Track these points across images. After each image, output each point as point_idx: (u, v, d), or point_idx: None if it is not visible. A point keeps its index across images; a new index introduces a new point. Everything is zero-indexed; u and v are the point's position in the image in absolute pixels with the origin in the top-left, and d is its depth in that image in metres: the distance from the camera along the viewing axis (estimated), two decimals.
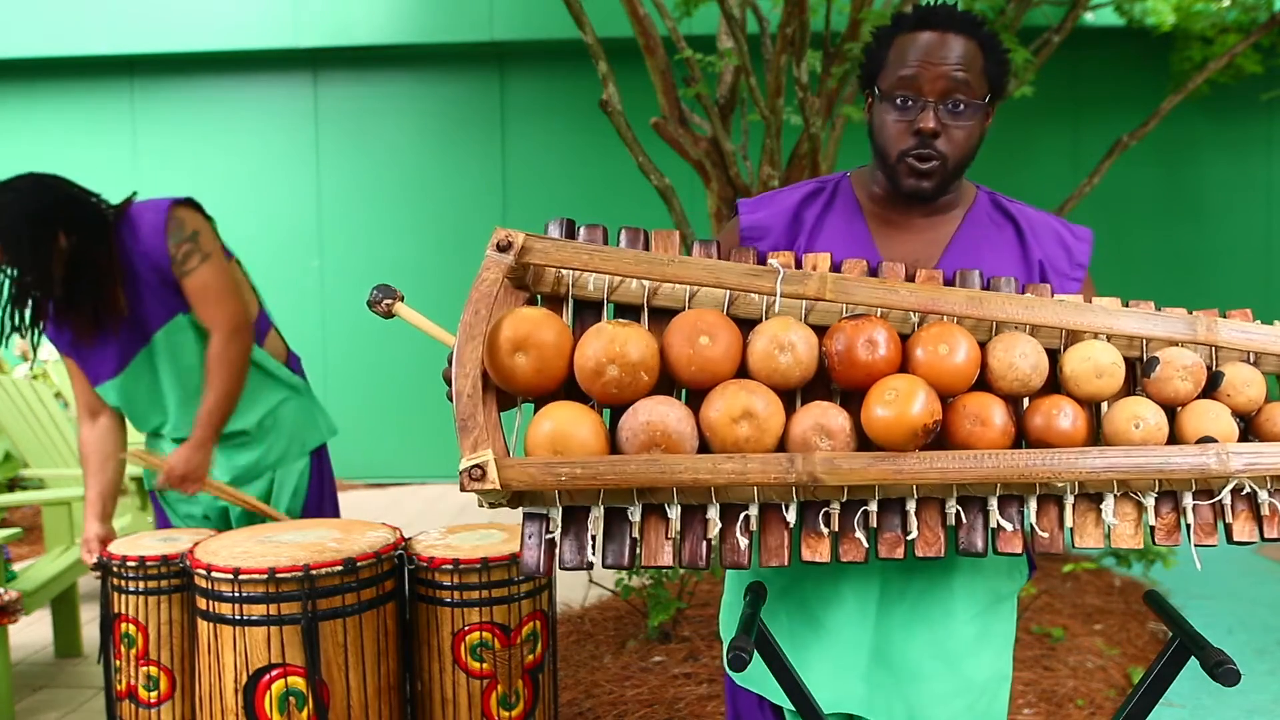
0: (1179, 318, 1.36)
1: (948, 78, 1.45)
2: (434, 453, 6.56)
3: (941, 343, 1.29)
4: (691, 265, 1.31)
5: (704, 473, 1.24)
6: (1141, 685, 1.40)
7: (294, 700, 2.03)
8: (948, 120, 1.46)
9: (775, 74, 3.56)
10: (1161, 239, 6.39)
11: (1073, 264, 1.58)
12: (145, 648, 2.24)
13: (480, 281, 1.28)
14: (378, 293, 1.37)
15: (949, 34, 1.46)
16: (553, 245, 1.29)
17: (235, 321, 2.38)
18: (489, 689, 2.18)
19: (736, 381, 1.28)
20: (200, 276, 2.38)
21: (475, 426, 1.24)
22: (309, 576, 2.03)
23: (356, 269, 6.63)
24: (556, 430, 1.25)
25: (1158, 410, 1.32)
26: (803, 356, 1.29)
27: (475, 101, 6.64)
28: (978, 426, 1.29)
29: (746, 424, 1.26)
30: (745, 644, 1.27)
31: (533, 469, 1.23)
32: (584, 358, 1.27)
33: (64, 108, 6.69)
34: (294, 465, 2.61)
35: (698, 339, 1.28)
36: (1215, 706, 3.06)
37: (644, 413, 1.26)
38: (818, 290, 1.31)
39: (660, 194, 3.69)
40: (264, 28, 6.39)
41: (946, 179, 1.50)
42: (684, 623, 3.57)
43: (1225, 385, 1.35)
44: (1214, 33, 4.96)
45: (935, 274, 1.38)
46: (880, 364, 1.28)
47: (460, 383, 1.25)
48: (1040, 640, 3.50)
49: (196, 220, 2.44)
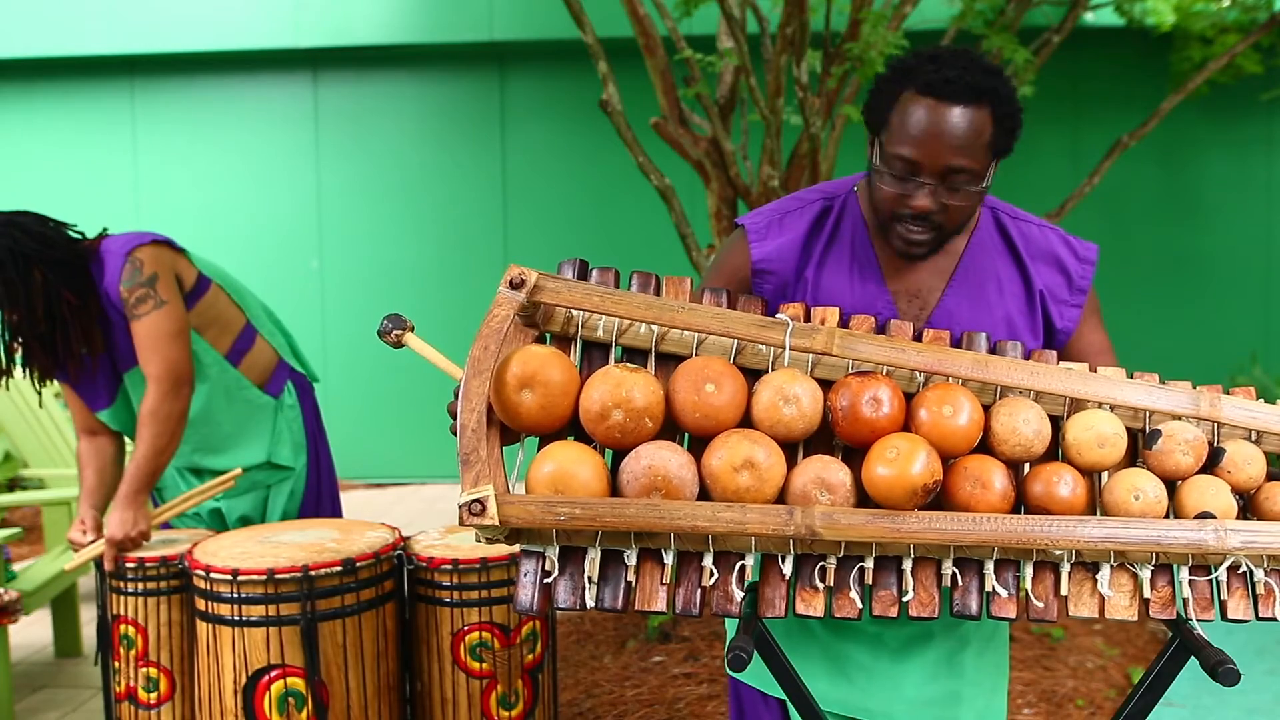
0: (1183, 392, 1.36)
1: (949, 158, 1.39)
2: (434, 453, 6.56)
3: (946, 404, 1.30)
4: (701, 313, 1.32)
5: (703, 520, 1.25)
6: (1141, 685, 1.40)
7: (293, 701, 2.03)
8: (946, 197, 1.42)
9: (775, 74, 3.56)
10: (1161, 239, 6.38)
11: (1073, 290, 1.57)
12: (145, 649, 2.24)
13: (491, 318, 1.29)
14: (388, 323, 1.40)
15: (957, 106, 1.39)
16: (564, 285, 1.31)
17: (175, 375, 2.31)
18: (488, 689, 2.18)
19: (740, 431, 1.29)
20: (146, 324, 2.31)
21: (478, 461, 1.26)
22: (308, 577, 2.03)
23: (356, 269, 6.63)
24: (558, 470, 1.26)
25: (1158, 483, 1.32)
26: (807, 410, 1.30)
27: (475, 101, 6.64)
28: (978, 489, 1.30)
29: (748, 474, 1.27)
30: (745, 644, 1.27)
31: (532, 507, 1.24)
32: (589, 400, 1.28)
33: (64, 108, 6.68)
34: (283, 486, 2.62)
35: (703, 386, 1.29)
36: (1215, 706, 3.05)
37: (646, 457, 1.27)
38: (825, 345, 1.32)
39: (660, 194, 3.69)
40: (264, 28, 6.38)
41: (942, 241, 1.48)
42: (684, 623, 3.57)
43: (1226, 461, 1.35)
44: (1214, 33, 4.96)
45: (942, 335, 1.39)
46: (884, 422, 1.29)
47: (465, 416, 1.27)
48: (1040, 640, 3.50)
49: (159, 262, 2.34)
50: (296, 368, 2.68)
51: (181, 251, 2.44)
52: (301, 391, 2.67)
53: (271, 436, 2.57)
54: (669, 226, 4.09)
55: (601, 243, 6.41)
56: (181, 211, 6.64)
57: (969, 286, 1.54)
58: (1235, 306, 6.36)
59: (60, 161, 6.65)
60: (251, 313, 2.57)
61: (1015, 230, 1.58)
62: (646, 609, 1.29)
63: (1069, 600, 1.32)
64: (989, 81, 1.40)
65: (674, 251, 4.40)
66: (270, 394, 2.58)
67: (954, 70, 1.40)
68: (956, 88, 1.39)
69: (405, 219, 6.63)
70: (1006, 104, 1.42)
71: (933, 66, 1.41)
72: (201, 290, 2.44)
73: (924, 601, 1.31)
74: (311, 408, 2.70)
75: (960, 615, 1.31)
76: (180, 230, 7.11)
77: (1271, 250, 6.44)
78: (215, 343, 2.48)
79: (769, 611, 1.31)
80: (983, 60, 1.44)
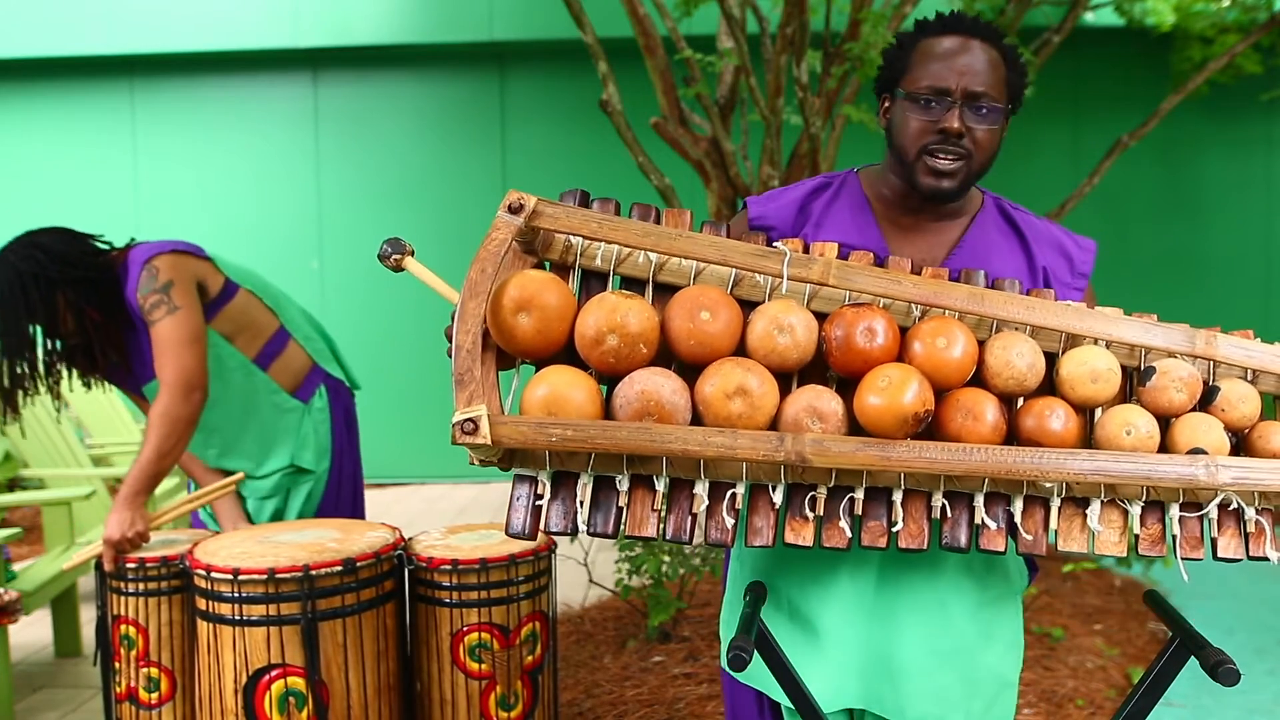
0: (1179, 330, 1.37)
1: (974, 79, 1.47)
2: (434, 453, 6.56)
3: (940, 336, 1.30)
4: (699, 241, 1.33)
5: (694, 444, 1.24)
6: (1141, 685, 1.40)
7: (294, 700, 2.03)
8: (972, 122, 1.47)
9: (775, 74, 3.56)
10: (1161, 239, 6.38)
11: (1075, 274, 1.60)
12: (145, 649, 2.24)
13: (489, 241, 1.30)
14: (387, 247, 1.40)
15: (973, 40, 1.49)
16: (563, 211, 1.31)
17: (186, 380, 2.32)
18: (487, 690, 2.17)
19: (733, 359, 1.29)
20: (161, 329, 2.33)
21: (472, 381, 1.26)
22: (308, 577, 2.03)
23: (356, 269, 6.63)
24: (552, 393, 1.26)
25: (1150, 419, 1.32)
26: (801, 339, 1.30)
27: (475, 101, 6.64)
28: (969, 421, 1.29)
29: (740, 400, 1.26)
30: (745, 644, 1.27)
31: (525, 427, 1.23)
32: (585, 325, 1.28)
33: (64, 108, 6.68)
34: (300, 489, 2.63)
35: (698, 314, 1.29)
36: (1215, 706, 3.06)
37: (639, 382, 1.27)
38: (821, 275, 1.33)
39: (660, 194, 3.69)
40: (264, 28, 6.38)
41: (968, 180, 1.52)
42: (684, 623, 3.57)
43: (1220, 400, 1.35)
44: (1214, 33, 4.96)
45: (941, 271, 1.39)
46: (877, 353, 1.29)
47: (461, 337, 1.27)
48: (1040, 640, 3.50)
49: (176, 269, 2.37)
50: (334, 373, 2.70)
51: (208, 259, 2.46)
52: (334, 396, 2.68)
53: (296, 440, 2.60)
54: None
55: None
56: (181, 212, 6.64)
57: (970, 261, 1.56)
58: (1235, 306, 6.36)
59: (60, 161, 6.65)
60: (286, 317, 2.60)
61: (1018, 216, 1.62)
62: (637, 534, 1.30)
63: (1059, 535, 1.33)
64: (997, 31, 1.53)
65: None
66: (300, 398, 2.60)
67: (966, 18, 1.52)
68: (971, 25, 1.51)
69: (405, 219, 6.63)
70: (1013, 52, 1.53)
71: (944, 17, 1.53)
72: (228, 295, 2.47)
73: (913, 533, 1.31)
74: (343, 413, 2.71)
75: (949, 547, 1.32)
76: (180, 231, 7.10)
77: (1271, 250, 6.44)
78: (246, 347, 2.52)
79: (757, 540, 1.32)
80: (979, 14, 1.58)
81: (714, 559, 3.33)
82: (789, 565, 1.56)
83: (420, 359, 6.37)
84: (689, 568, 3.35)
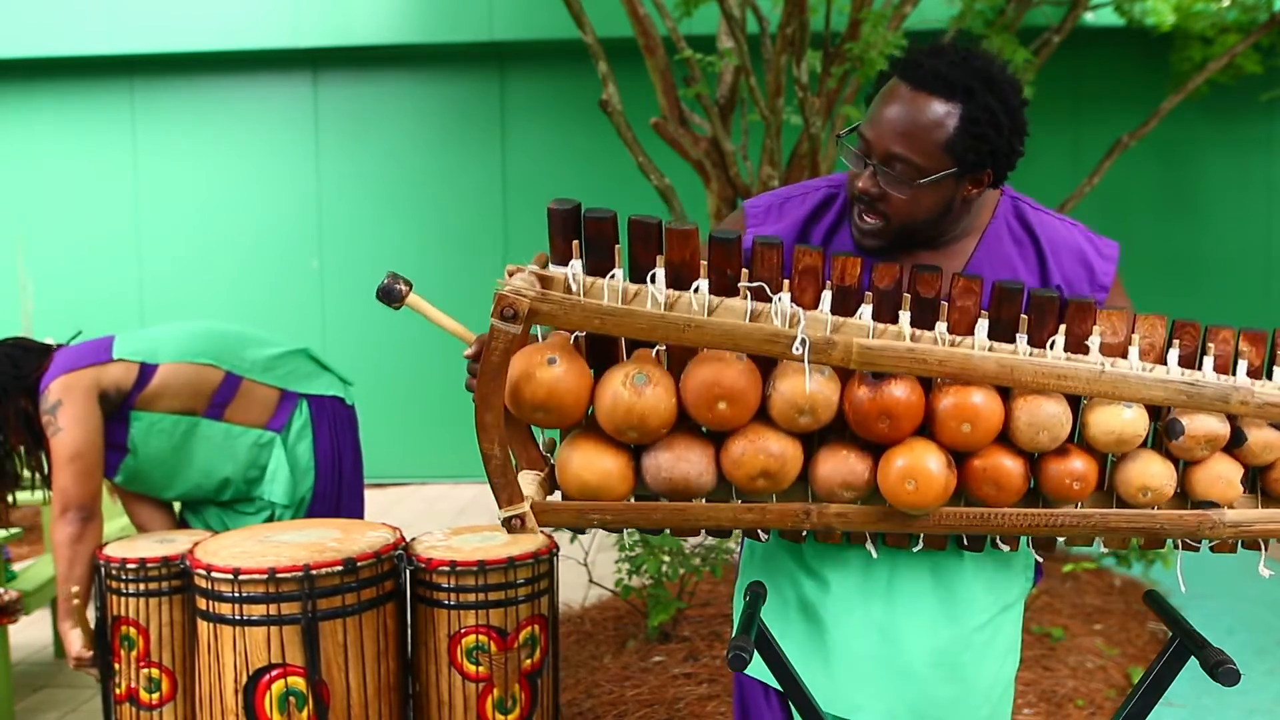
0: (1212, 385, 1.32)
1: (894, 139, 1.35)
2: (434, 453, 6.56)
3: (964, 421, 1.30)
4: (709, 331, 1.27)
5: (725, 520, 1.34)
6: (1141, 685, 1.40)
7: (294, 700, 2.03)
8: (885, 183, 1.37)
9: (775, 74, 3.56)
10: (1161, 239, 6.38)
11: (1094, 286, 1.53)
12: (146, 650, 2.24)
13: (489, 353, 1.26)
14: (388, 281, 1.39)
15: (921, 93, 1.34)
16: (562, 307, 1.27)
17: (62, 501, 2.39)
18: (485, 692, 2.17)
19: (756, 435, 1.31)
20: (50, 450, 2.42)
21: (508, 484, 1.31)
22: (309, 576, 2.03)
23: (356, 269, 6.62)
24: (588, 483, 1.33)
25: (1170, 471, 1.35)
26: (823, 416, 1.31)
27: (475, 101, 6.64)
28: (994, 490, 1.33)
29: (763, 479, 1.32)
30: (745, 643, 1.28)
31: (566, 515, 1.33)
32: (604, 418, 1.31)
33: (64, 108, 6.68)
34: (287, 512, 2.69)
35: (716, 404, 1.30)
36: (1215, 706, 3.05)
37: (665, 469, 1.32)
38: (843, 359, 1.28)
39: (660, 194, 3.69)
40: (264, 28, 6.38)
41: (899, 238, 1.43)
42: (684, 623, 3.57)
43: (1245, 449, 1.36)
44: (1214, 33, 4.96)
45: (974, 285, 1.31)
46: (896, 435, 1.31)
47: (486, 447, 1.30)
48: (1040, 640, 3.50)
49: (66, 389, 2.42)
50: (313, 390, 2.73)
51: (112, 359, 2.49)
52: (317, 411, 2.71)
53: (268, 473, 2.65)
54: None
55: None
56: (181, 212, 6.64)
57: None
58: (1235, 306, 6.35)
59: (60, 161, 6.65)
60: (231, 362, 2.61)
61: (1036, 220, 1.53)
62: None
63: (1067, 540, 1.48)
64: (968, 79, 1.34)
65: None
66: (273, 429, 2.65)
67: (937, 60, 1.35)
68: (925, 74, 1.34)
69: (405, 219, 6.63)
70: (983, 109, 1.34)
71: (922, 54, 1.38)
72: (146, 379, 2.51)
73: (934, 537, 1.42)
74: (329, 424, 2.74)
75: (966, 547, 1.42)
76: (180, 230, 7.12)
77: (1271, 250, 6.44)
78: (189, 408, 2.55)
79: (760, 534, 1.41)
80: (982, 62, 1.36)
81: (714, 559, 3.32)
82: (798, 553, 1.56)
83: (420, 359, 6.37)
84: (689, 568, 3.34)
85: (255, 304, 6.53)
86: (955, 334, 1.31)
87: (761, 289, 1.29)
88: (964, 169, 1.37)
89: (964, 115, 1.34)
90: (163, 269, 6.65)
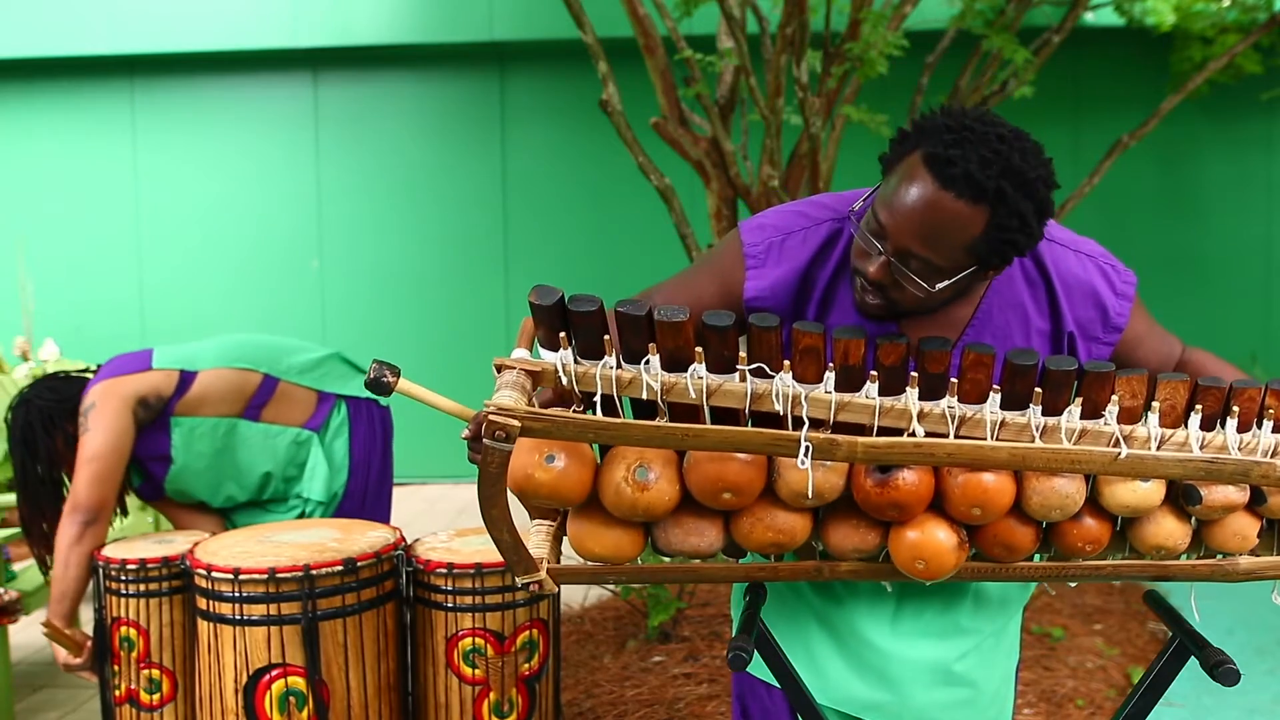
0: (1234, 464, 1.29)
1: (911, 242, 1.27)
2: (434, 453, 6.55)
3: (975, 505, 1.30)
4: (709, 437, 1.24)
5: (738, 576, 1.41)
6: (1141, 685, 1.40)
7: (294, 700, 2.03)
8: (899, 276, 1.30)
9: (775, 74, 3.56)
10: (1161, 239, 6.38)
11: (1107, 328, 1.46)
12: (146, 650, 2.24)
13: (486, 466, 1.22)
14: (376, 368, 1.42)
15: (948, 193, 1.24)
16: (554, 426, 1.21)
17: (73, 500, 2.40)
18: (481, 695, 2.17)
19: (764, 513, 1.33)
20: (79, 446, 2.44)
21: (521, 559, 1.33)
22: (309, 576, 2.03)
23: (356, 269, 6.62)
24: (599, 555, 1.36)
25: (1185, 529, 1.36)
26: (830, 499, 1.33)
27: (475, 101, 6.64)
28: (1005, 552, 1.35)
29: (774, 547, 1.35)
30: (745, 643, 1.28)
31: (584, 575, 1.38)
32: (609, 507, 1.32)
33: (64, 108, 6.68)
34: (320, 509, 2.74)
35: (721, 495, 1.31)
36: (1215, 706, 3.05)
37: (676, 542, 1.35)
38: (848, 457, 1.25)
39: (660, 194, 3.69)
40: (264, 28, 6.38)
41: (898, 315, 1.38)
42: (684, 623, 3.57)
43: (1265, 508, 1.37)
44: (1214, 33, 4.95)
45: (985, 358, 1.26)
46: (906, 519, 1.32)
47: (496, 534, 1.30)
48: (1040, 640, 3.50)
49: (103, 394, 2.45)
50: (350, 392, 2.78)
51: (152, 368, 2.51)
52: (354, 411, 2.78)
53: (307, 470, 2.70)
54: (669, 226, 4.09)
55: (601, 243, 6.41)
56: (181, 212, 6.64)
57: (989, 333, 1.43)
58: (1235, 306, 6.36)
59: (60, 161, 6.65)
60: (268, 366, 2.66)
61: (1050, 257, 1.45)
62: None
63: None
64: (999, 182, 1.23)
65: (674, 251, 4.40)
66: (311, 428, 2.70)
67: (968, 154, 1.24)
68: (956, 175, 1.23)
69: (406, 219, 6.63)
70: (1013, 214, 1.25)
71: (950, 137, 1.25)
72: (185, 386, 2.54)
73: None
74: (365, 425, 2.80)
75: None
76: (180, 230, 7.11)
77: (1271, 250, 6.44)
78: (226, 412, 2.59)
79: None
80: (1017, 154, 1.25)
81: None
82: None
83: (420, 359, 6.37)
84: None
85: (255, 304, 6.54)
86: (966, 403, 1.27)
87: (761, 369, 1.25)
88: (985, 267, 1.32)
89: (992, 221, 1.26)
90: (163, 269, 6.65)
